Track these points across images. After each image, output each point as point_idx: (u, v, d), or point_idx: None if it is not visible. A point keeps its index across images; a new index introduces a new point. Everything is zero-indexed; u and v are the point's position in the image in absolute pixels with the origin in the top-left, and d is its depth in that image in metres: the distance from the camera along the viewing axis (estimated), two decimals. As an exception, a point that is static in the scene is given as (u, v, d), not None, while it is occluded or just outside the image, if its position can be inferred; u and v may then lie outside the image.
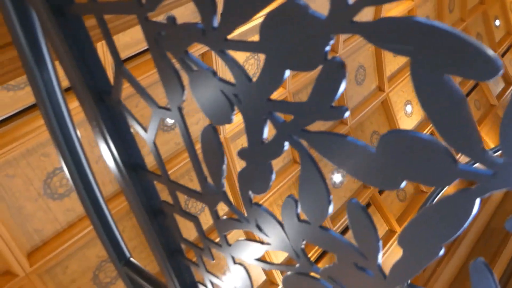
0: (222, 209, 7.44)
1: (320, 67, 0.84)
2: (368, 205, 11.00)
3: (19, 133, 5.06)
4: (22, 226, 5.53)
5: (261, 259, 1.45)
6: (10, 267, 5.47)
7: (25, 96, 5.14)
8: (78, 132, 2.49)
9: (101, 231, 2.80)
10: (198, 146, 1.27)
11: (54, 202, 5.77)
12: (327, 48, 0.80)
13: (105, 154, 1.81)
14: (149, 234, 1.97)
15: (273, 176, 1.14)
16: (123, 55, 5.18)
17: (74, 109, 2.30)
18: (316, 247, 9.41)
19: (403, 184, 0.84)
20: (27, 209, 5.54)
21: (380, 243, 0.99)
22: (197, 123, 7.11)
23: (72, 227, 5.95)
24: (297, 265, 1.28)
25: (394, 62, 11.64)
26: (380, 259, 1.01)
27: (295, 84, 8.87)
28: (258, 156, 1.11)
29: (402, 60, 11.84)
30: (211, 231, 7.24)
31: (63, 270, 6.08)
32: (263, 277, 9.08)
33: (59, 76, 2.18)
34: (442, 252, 0.87)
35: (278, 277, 8.95)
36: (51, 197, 5.72)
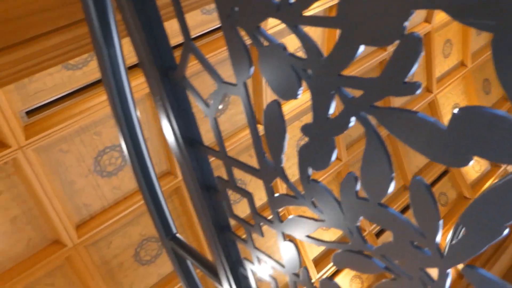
0: (261, 199, 7.52)
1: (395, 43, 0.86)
2: (407, 207, 10.76)
3: (75, 111, 5.32)
4: (73, 200, 5.83)
5: (312, 237, 1.49)
6: (59, 237, 5.78)
7: (82, 76, 5.38)
8: (137, 111, 2.61)
9: (152, 206, 2.92)
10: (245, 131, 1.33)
11: (102, 180, 6.03)
12: (406, 23, 0.82)
13: (165, 128, 1.90)
14: (201, 209, 2.05)
15: (335, 154, 1.17)
16: (177, 40, 5.31)
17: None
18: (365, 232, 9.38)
19: (471, 162, 0.86)
20: (78, 184, 5.82)
21: (441, 222, 1.00)
22: (243, 112, 7.20)
23: (118, 205, 6.20)
24: (350, 243, 1.31)
25: (444, 63, 11.29)
26: (439, 238, 1.03)
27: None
28: (322, 132, 1.15)
29: (452, 61, 11.46)
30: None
31: (107, 245, 6.36)
32: (296, 270, 9.11)
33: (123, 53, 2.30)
34: (506, 232, 0.88)
35: (312, 271, 8.96)
36: (100, 174, 5.98)
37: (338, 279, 9.35)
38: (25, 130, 4.99)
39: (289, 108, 7.72)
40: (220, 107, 6.98)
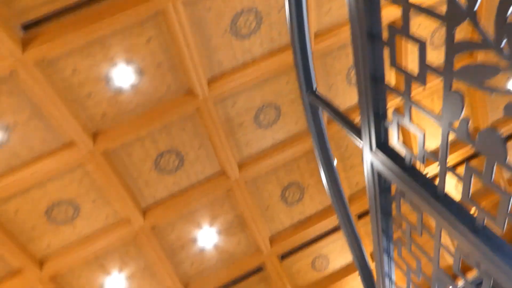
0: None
1: None
2: None
3: (220, -32, 5.47)
4: (208, 55, 6.28)
5: (487, 86, 1.53)
6: (193, 87, 6.39)
7: None
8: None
9: (300, 60, 3.11)
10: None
11: (236, 41, 6.35)
12: None
13: (345, -29, 1.95)
14: (361, 57, 2.15)
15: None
16: None
17: None
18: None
19: None
20: (214, 42, 6.21)
21: None
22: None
23: (246, 67, 6.57)
24: (535, 90, 1.34)
25: None
26: None
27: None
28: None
29: None
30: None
31: (232, 104, 6.92)
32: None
33: None
34: None
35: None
36: (235, 35, 6.28)
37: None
38: (177, -19, 5.31)
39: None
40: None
